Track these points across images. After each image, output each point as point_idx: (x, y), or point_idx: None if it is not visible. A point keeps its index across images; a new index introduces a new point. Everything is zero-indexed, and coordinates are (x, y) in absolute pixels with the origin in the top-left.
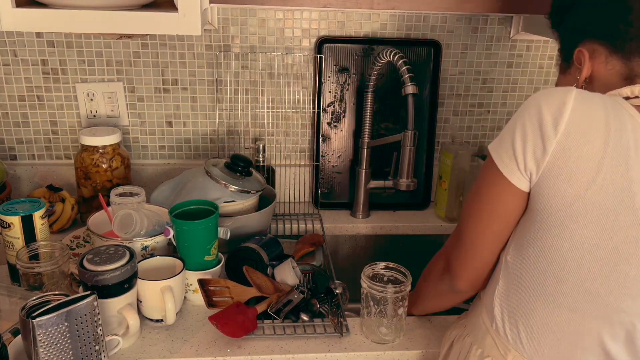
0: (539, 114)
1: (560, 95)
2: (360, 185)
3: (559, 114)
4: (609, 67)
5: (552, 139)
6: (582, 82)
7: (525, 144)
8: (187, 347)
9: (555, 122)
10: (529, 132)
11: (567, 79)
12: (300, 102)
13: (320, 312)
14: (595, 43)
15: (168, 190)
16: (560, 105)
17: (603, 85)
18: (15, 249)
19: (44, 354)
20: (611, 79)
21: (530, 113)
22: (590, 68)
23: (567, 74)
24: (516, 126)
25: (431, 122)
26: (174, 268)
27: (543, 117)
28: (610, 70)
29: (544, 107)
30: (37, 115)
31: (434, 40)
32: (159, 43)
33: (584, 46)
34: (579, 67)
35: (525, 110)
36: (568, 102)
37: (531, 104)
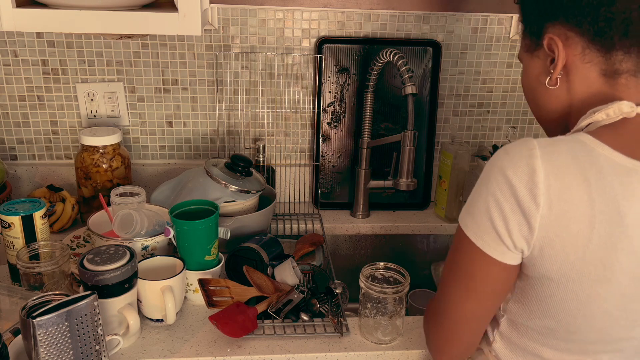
0: (511, 188)
1: (526, 159)
2: (360, 185)
3: (533, 184)
4: (586, 59)
5: (535, 215)
6: (556, 75)
7: (508, 224)
8: (188, 347)
9: (532, 195)
10: (507, 211)
11: (535, 63)
12: (300, 102)
13: (320, 312)
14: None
15: (168, 190)
16: (531, 173)
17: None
18: (15, 249)
19: (44, 353)
20: (588, 74)
21: (501, 187)
22: (564, 59)
23: (534, 55)
24: (489, 204)
25: (431, 122)
26: (174, 268)
27: (517, 192)
28: (588, 63)
29: (514, 179)
30: (37, 115)
31: (434, 40)
32: (159, 43)
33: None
34: (551, 54)
35: (493, 183)
36: (538, 168)
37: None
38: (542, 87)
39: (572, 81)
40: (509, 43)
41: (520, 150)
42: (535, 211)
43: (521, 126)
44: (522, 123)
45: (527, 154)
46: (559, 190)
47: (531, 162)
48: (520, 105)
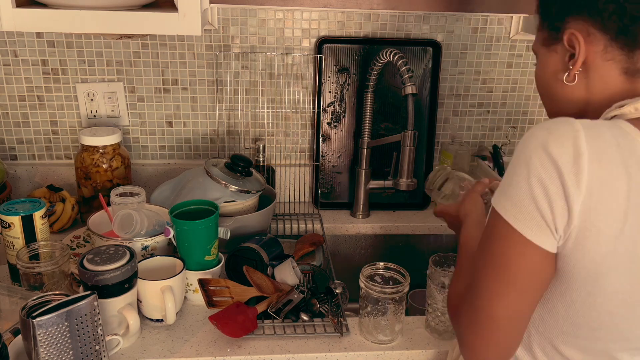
0: (557, 168)
1: (572, 140)
2: (360, 185)
3: (578, 167)
4: (607, 57)
5: (577, 201)
6: (575, 71)
7: (553, 207)
8: (187, 347)
9: (577, 179)
10: (552, 193)
11: (552, 58)
12: (300, 102)
13: (320, 312)
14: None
15: (168, 190)
16: (576, 155)
17: (599, 77)
18: (15, 249)
19: (44, 353)
20: (609, 72)
21: (545, 167)
22: (584, 55)
23: (551, 49)
24: (532, 184)
25: (431, 122)
26: (174, 268)
27: (563, 174)
28: (609, 61)
29: (560, 159)
30: (37, 115)
31: (434, 40)
32: (159, 43)
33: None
34: (570, 50)
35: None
36: (583, 151)
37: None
38: (558, 83)
39: (591, 78)
40: (509, 43)
41: (565, 129)
42: (577, 197)
43: (521, 126)
44: (522, 123)
45: (572, 135)
46: (601, 177)
47: (577, 143)
48: (520, 105)
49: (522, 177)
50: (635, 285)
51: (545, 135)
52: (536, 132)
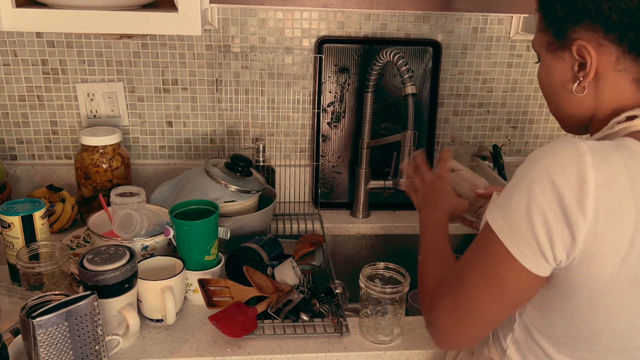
0: (558, 196)
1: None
2: (360, 185)
3: (582, 194)
4: (619, 67)
5: (581, 227)
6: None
7: (552, 236)
8: (187, 347)
9: (580, 206)
10: (551, 221)
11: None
12: (300, 102)
13: (320, 312)
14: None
15: (168, 190)
16: (581, 182)
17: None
18: (15, 249)
19: (44, 353)
20: (620, 82)
21: (546, 194)
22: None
23: (558, 57)
24: (532, 211)
25: (431, 122)
26: (174, 268)
27: (565, 202)
28: (621, 71)
29: (562, 186)
30: (37, 115)
31: (434, 40)
32: (159, 43)
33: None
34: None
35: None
36: (589, 178)
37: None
38: (566, 92)
39: (601, 88)
40: (509, 43)
41: (570, 155)
42: (582, 223)
43: (521, 126)
44: (522, 123)
45: (577, 160)
46: (608, 203)
47: (582, 169)
48: (520, 105)
49: (522, 201)
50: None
51: (550, 159)
52: (541, 154)
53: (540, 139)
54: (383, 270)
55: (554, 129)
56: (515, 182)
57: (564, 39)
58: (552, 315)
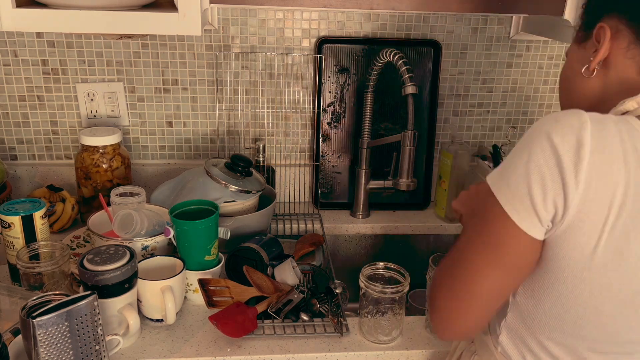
0: (557, 156)
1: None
2: (360, 185)
3: (578, 158)
4: (629, 55)
5: (574, 191)
6: (595, 64)
7: (546, 195)
8: (187, 347)
9: (576, 169)
10: (548, 181)
11: (579, 53)
12: (300, 102)
13: (320, 312)
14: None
15: (168, 190)
16: (578, 145)
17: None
18: (15, 249)
19: (44, 353)
20: (627, 70)
21: (545, 154)
22: (607, 50)
23: (581, 46)
24: (530, 169)
25: (431, 122)
26: (174, 268)
27: (562, 163)
28: (630, 59)
29: (561, 147)
30: (37, 115)
31: (434, 40)
32: (159, 43)
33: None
34: (597, 44)
35: (538, 150)
36: (586, 142)
37: (542, 141)
38: (577, 77)
39: (609, 75)
40: (509, 43)
41: (571, 120)
42: (575, 188)
43: (521, 126)
44: (522, 123)
45: (578, 125)
46: (600, 170)
47: (580, 134)
48: (520, 105)
49: (521, 160)
50: (625, 284)
51: (552, 123)
52: (545, 119)
53: None
54: (383, 270)
55: None
56: (518, 145)
57: (591, 29)
58: (541, 294)
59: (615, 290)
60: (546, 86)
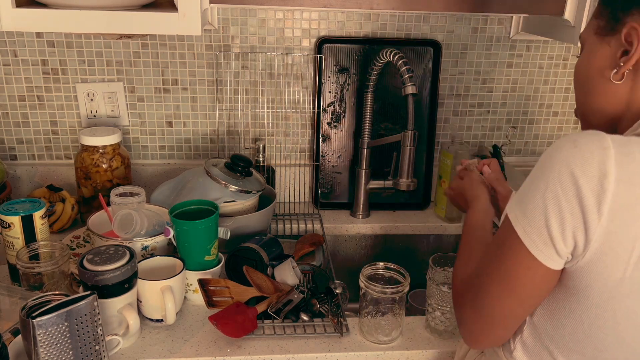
0: (577, 188)
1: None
2: (360, 185)
3: (601, 189)
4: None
5: (595, 224)
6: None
7: (564, 228)
8: (187, 347)
9: (598, 201)
10: (566, 214)
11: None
12: (300, 102)
13: (320, 312)
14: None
15: (168, 190)
16: (601, 176)
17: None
18: (15, 249)
19: (44, 354)
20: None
21: (564, 185)
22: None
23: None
24: (547, 200)
25: (431, 122)
26: (174, 268)
27: (583, 195)
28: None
29: (582, 179)
30: (37, 115)
31: (434, 40)
32: (159, 43)
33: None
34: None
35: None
36: (610, 172)
37: (561, 171)
38: (602, 80)
39: (638, 81)
40: (509, 43)
41: (593, 147)
42: (597, 221)
43: (521, 126)
44: (522, 123)
45: (600, 153)
46: (626, 201)
47: (604, 162)
48: (520, 105)
49: (539, 190)
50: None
51: (571, 148)
52: (563, 144)
53: (540, 139)
54: (383, 271)
55: (554, 129)
56: (535, 171)
57: (618, 22)
58: (561, 318)
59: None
60: (546, 86)
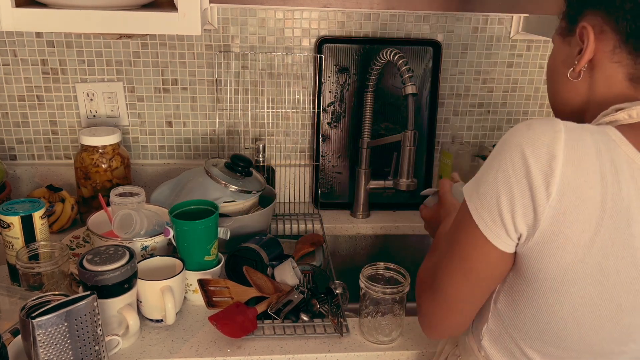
0: (526, 168)
1: (548, 140)
2: (360, 185)
3: (550, 170)
4: (615, 59)
5: (544, 204)
6: (580, 67)
7: (514, 207)
8: (187, 347)
9: (546, 181)
10: (516, 193)
11: (563, 49)
12: (300, 102)
13: (320, 312)
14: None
15: (168, 190)
16: (550, 157)
17: (604, 79)
18: (15, 249)
19: (44, 354)
20: (614, 74)
21: (515, 165)
22: (592, 52)
23: (565, 41)
24: (498, 181)
25: (431, 122)
26: (174, 268)
27: (532, 174)
28: (615, 63)
29: (531, 158)
30: (37, 115)
31: (434, 40)
32: (159, 43)
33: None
34: (581, 44)
35: (508, 160)
36: (558, 154)
37: (512, 151)
38: (562, 77)
39: (595, 78)
40: (509, 43)
41: (544, 129)
42: (545, 200)
43: None
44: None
45: (550, 135)
46: (574, 182)
47: (553, 144)
48: (520, 105)
49: (492, 170)
50: (605, 299)
51: (524, 132)
52: (518, 128)
53: None
54: (383, 271)
55: None
56: (492, 153)
57: (574, 23)
58: (520, 305)
59: (596, 305)
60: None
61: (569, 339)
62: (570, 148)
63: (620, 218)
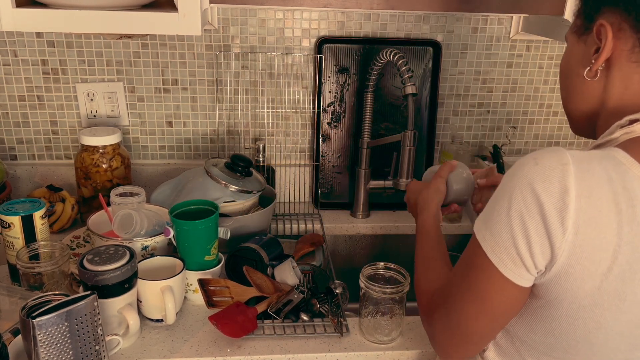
0: (539, 205)
1: (558, 175)
2: (360, 185)
3: (563, 205)
4: (633, 58)
5: (560, 239)
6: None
7: (531, 246)
8: (187, 347)
9: (560, 216)
10: (532, 231)
11: (578, 48)
12: (300, 102)
13: (320, 312)
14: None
15: (168, 190)
16: (562, 192)
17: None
18: (15, 249)
19: (44, 354)
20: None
21: (527, 203)
22: (610, 51)
23: (580, 39)
24: (512, 220)
25: (431, 122)
26: (174, 268)
27: (545, 211)
28: (634, 63)
29: (543, 195)
30: (37, 115)
31: (434, 40)
32: (159, 43)
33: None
34: (598, 42)
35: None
36: (570, 188)
37: (524, 189)
38: (578, 77)
39: (612, 77)
40: (509, 43)
41: (553, 164)
42: (561, 235)
43: (521, 126)
44: (522, 123)
45: (560, 169)
46: (589, 215)
47: (564, 179)
48: (520, 105)
49: (503, 209)
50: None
51: (532, 166)
52: (524, 162)
53: (540, 139)
54: (383, 271)
55: (554, 129)
56: (499, 190)
57: (591, 21)
58: (533, 323)
59: (610, 327)
60: (546, 86)
61: (579, 354)
62: (581, 180)
63: (637, 241)
